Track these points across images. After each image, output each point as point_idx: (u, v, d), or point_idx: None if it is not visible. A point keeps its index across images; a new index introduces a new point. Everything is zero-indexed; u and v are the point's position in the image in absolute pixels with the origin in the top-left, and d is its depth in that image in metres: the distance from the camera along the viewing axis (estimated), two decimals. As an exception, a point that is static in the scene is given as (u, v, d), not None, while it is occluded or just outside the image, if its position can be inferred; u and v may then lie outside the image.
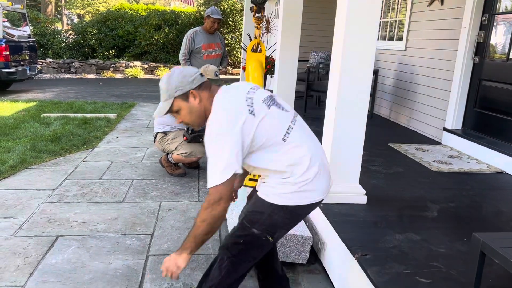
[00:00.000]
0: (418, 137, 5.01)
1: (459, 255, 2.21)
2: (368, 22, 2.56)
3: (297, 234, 2.60)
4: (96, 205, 3.50)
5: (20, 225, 3.09)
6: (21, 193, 3.69)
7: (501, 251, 1.46)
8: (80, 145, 5.17)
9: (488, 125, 4.25)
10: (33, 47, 10.24)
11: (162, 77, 1.82)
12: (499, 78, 4.12)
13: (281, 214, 1.77)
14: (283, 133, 1.75)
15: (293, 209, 1.78)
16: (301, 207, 1.79)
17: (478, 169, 3.78)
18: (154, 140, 4.30)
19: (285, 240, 2.59)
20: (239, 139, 1.65)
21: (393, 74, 6.04)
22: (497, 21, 4.21)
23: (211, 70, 4.24)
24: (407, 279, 1.97)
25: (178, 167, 4.29)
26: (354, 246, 2.25)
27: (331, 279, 2.52)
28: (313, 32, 8.08)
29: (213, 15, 4.98)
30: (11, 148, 4.82)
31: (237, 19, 15.66)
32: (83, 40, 15.12)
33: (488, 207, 2.95)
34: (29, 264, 2.60)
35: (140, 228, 3.12)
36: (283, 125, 1.77)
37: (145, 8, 17.33)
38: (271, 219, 1.78)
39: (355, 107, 2.67)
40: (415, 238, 2.38)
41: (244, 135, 1.66)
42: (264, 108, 1.74)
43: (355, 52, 2.59)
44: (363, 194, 2.82)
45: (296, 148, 1.76)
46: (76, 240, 2.90)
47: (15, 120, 6.29)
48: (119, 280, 2.47)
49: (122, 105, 8.09)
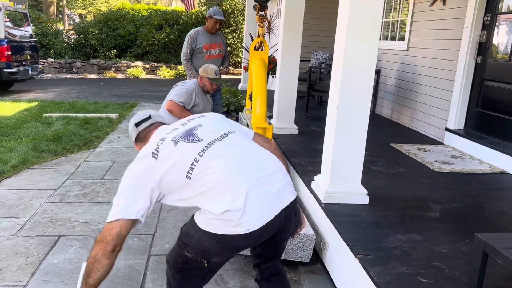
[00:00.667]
0: (420, 137, 5.00)
1: (462, 256, 2.20)
2: (370, 22, 2.55)
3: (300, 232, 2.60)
4: (98, 205, 3.50)
5: (22, 225, 3.09)
6: (23, 193, 3.69)
7: (504, 252, 1.46)
8: (81, 145, 5.18)
9: (491, 125, 4.24)
10: (35, 47, 10.26)
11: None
12: (501, 78, 4.11)
13: (211, 241, 1.59)
14: (185, 170, 1.61)
15: (224, 239, 1.58)
16: (235, 237, 1.56)
17: (480, 170, 3.77)
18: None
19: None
20: (141, 188, 1.62)
21: (395, 74, 6.03)
22: (500, 21, 4.20)
23: (211, 69, 4.24)
24: (409, 279, 1.97)
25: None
26: (356, 246, 2.25)
27: (333, 279, 2.52)
28: (315, 32, 8.07)
29: (215, 15, 4.98)
30: (13, 148, 4.83)
31: (238, 19, 15.66)
32: (85, 40, 15.15)
33: (491, 207, 2.95)
34: (31, 264, 2.60)
35: (141, 228, 3.12)
36: (186, 161, 1.62)
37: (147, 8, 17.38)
38: (201, 245, 1.62)
39: (357, 107, 2.66)
40: (417, 239, 2.37)
41: (148, 180, 1.62)
42: (170, 148, 1.66)
43: (357, 52, 2.58)
44: (365, 195, 2.82)
45: (207, 186, 1.59)
46: (78, 240, 2.91)
47: (17, 120, 6.30)
48: (120, 280, 2.47)
49: (123, 105, 8.10)
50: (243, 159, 1.67)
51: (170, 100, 4.11)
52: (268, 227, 1.60)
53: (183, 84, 4.27)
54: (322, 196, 2.78)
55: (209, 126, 1.78)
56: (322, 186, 2.84)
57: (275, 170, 1.71)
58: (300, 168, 3.51)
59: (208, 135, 1.72)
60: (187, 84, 4.26)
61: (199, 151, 1.64)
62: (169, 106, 4.10)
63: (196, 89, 4.21)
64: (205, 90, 4.28)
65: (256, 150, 1.77)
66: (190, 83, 4.27)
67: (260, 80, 3.53)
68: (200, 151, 1.65)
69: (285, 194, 1.68)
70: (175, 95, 4.14)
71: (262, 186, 1.62)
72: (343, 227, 2.47)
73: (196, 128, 1.75)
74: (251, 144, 1.80)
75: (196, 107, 4.20)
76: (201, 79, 4.24)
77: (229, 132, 1.77)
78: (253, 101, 3.48)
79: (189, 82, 4.31)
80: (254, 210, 1.56)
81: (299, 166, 3.58)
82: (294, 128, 4.78)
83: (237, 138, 1.76)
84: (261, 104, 3.40)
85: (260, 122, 3.32)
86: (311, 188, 3.03)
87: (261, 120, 3.34)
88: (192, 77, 4.96)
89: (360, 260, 2.12)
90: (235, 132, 1.79)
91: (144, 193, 1.62)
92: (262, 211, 1.58)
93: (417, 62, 5.43)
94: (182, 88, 4.20)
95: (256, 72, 3.64)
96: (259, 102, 3.41)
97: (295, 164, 3.64)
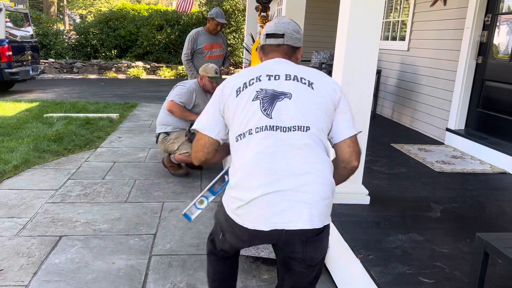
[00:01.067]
0: (421, 138, 5.00)
1: (463, 256, 2.21)
2: (371, 23, 2.55)
3: None
4: (99, 205, 3.50)
5: (23, 225, 3.10)
6: (24, 193, 3.70)
7: (505, 251, 1.46)
8: (82, 145, 5.19)
9: (491, 126, 4.24)
10: (36, 48, 10.27)
11: (289, 21, 1.73)
12: (502, 78, 4.11)
13: (223, 216, 1.63)
14: (239, 132, 1.57)
15: (228, 219, 1.59)
16: (235, 223, 1.56)
17: (481, 170, 3.77)
18: (156, 141, 4.30)
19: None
20: (217, 110, 1.66)
21: (396, 74, 6.04)
22: (500, 21, 4.20)
23: (211, 68, 4.24)
24: (410, 279, 1.97)
25: (180, 167, 4.29)
26: (357, 246, 2.25)
27: (334, 279, 2.52)
28: (315, 32, 8.08)
29: (217, 18, 4.97)
30: (14, 148, 4.84)
31: (239, 19, 15.67)
32: (85, 40, 15.16)
33: (492, 207, 2.95)
34: (33, 263, 2.60)
35: (143, 228, 3.12)
36: (247, 123, 1.56)
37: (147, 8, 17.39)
38: (218, 217, 1.72)
39: (358, 107, 2.66)
40: (418, 239, 2.38)
41: (220, 104, 1.65)
42: (248, 98, 1.58)
43: (358, 53, 2.58)
44: (366, 195, 2.82)
45: (238, 161, 1.57)
46: (79, 240, 2.91)
47: (18, 120, 6.31)
48: (122, 280, 2.48)
49: (124, 105, 8.11)
50: (281, 168, 1.52)
51: (171, 100, 4.12)
52: (260, 234, 1.53)
53: (183, 84, 4.28)
54: (323, 196, 2.78)
55: (294, 106, 1.57)
56: (323, 186, 2.84)
57: (309, 196, 1.52)
58: (301, 168, 3.51)
59: (281, 116, 1.55)
60: (188, 84, 4.27)
61: (257, 127, 1.55)
62: (169, 107, 4.11)
63: (196, 89, 4.22)
64: (206, 89, 4.28)
65: (307, 165, 1.54)
66: (190, 83, 4.28)
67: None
68: (258, 128, 1.55)
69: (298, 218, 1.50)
70: (175, 95, 4.15)
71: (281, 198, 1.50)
72: (344, 227, 2.48)
73: (282, 99, 1.57)
74: (309, 154, 1.55)
75: (196, 107, 4.21)
76: (201, 79, 4.25)
77: (304, 127, 1.55)
78: None
79: (189, 82, 4.32)
80: (256, 211, 1.51)
81: (300, 166, 3.58)
82: (295, 128, 4.77)
83: (303, 139, 1.54)
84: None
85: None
86: (312, 188, 3.03)
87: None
88: (193, 78, 4.96)
89: (361, 260, 2.13)
90: (310, 129, 1.55)
91: (220, 118, 1.66)
92: (261, 217, 1.51)
93: (418, 62, 5.43)
94: (182, 88, 4.21)
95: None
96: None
97: (296, 164, 3.64)
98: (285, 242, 1.56)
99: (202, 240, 2.96)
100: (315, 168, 1.54)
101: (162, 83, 12.42)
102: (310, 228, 1.51)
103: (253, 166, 1.53)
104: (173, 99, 4.11)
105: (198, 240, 2.96)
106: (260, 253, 2.61)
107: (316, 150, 1.56)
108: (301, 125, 1.55)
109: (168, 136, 4.16)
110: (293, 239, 1.54)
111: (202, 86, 4.27)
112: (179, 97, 4.11)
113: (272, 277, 2.55)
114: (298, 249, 1.57)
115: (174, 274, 2.55)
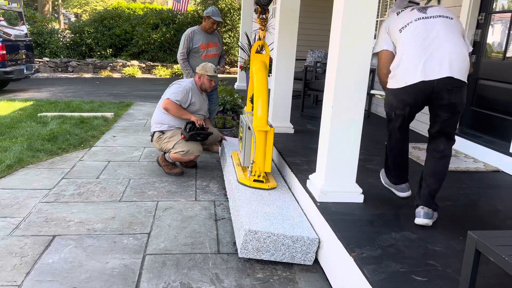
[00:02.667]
0: (415, 136, 5.01)
1: (455, 254, 2.22)
2: (364, 21, 2.56)
3: (303, 235, 2.61)
4: (93, 204, 3.49)
5: (16, 225, 3.08)
6: (17, 192, 3.68)
7: (496, 249, 1.47)
8: (77, 145, 5.17)
9: (485, 124, 4.26)
10: (30, 46, 10.21)
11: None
12: (495, 77, 4.13)
13: (389, 95, 2.60)
14: (402, 25, 2.50)
15: (392, 92, 2.55)
16: (398, 90, 2.49)
17: (474, 168, 3.79)
18: (151, 140, 4.30)
19: (291, 242, 2.60)
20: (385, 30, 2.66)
21: (390, 73, 6.04)
22: (494, 20, 4.22)
23: (210, 67, 4.24)
24: (404, 277, 1.98)
25: (175, 166, 4.29)
26: (351, 244, 2.26)
27: (328, 277, 2.53)
28: (310, 31, 8.08)
29: (213, 16, 4.96)
30: (8, 148, 4.81)
31: (234, 18, 15.65)
32: (80, 39, 15.11)
33: (485, 205, 2.96)
34: (26, 263, 2.59)
35: (137, 228, 3.12)
36: (408, 18, 2.48)
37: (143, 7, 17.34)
38: (387, 100, 2.63)
39: (352, 106, 2.67)
40: (412, 237, 2.39)
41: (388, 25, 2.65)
42: (413, 15, 2.52)
43: (351, 51, 2.59)
44: (360, 193, 2.83)
45: (403, 45, 2.47)
46: (73, 240, 2.90)
47: (12, 120, 6.27)
48: (116, 279, 2.47)
49: (119, 104, 8.08)
50: (440, 40, 2.44)
51: (167, 98, 4.11)
52: (416, 87, 2.43)
53: (179, 83, 4.27)
54: (317, 194, 2.79)
55: (441, 29, 2.45)
56: (317, 185, 2.84)
57: (448, 57, 2.43)
58: (295, 167, 3.52)
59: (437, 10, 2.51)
60: (184, 82, 4.27)
61: (418, 17, 2.49)
62: (165, 105, 4.10)
63: (192, 88, 4.22)
64: (203, 88, 4.28)
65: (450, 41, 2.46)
66: (186, 82, 4.27)
67: (262, 83, 3.54)
68: (418, 18, 2.49)
69: (437, 71, 2.39)
70: (171, 93, 4.14)
71: (431, 56, 2.41)
72: (338, 225, 2.48)
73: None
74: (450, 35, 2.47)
75: (192, 106, 4.21)
76: (200, 77, 4.25)
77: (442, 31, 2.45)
78: (254, 103, 3.50)
79: (185, 81, 4.32)
80: (412, 70, 2.42)
81: (294, 165, 3.59)
82: (290, 127, 4.79)
83: (442, 29, 2.45)
84: (262, 106, 3.41)
85: (262, 125, 3.35)
86: (306, 187, 3.04)
87: (263, 123, 3.36)
88: (189, 77, 4.95)
89: (355, 258, 2.13)
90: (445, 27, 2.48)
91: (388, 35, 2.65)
92: (420, 72, 2.40)
93: (412, 61, 5.43)
94: (178, 86, 4.20)
95: (257, 74, 3.65)
96: (260, 104, 3.42)
97: (291, 163, 3.65)
98: (435, 91, 2.48)
99: (196, 239, 2.95)
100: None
101: (157, 82, 12.39)
102: (446, 75, 2.45)
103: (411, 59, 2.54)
104: (169, 97, 4.10)
105: (192, 239, 2.96)
106: (261, 256, 2.62)
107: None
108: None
109: (163, 134, 4.15)
110: (442, 88, 2.47)
111: (199, 84, 4.27)
112: (175, 95, 4.10)
113: (266, 276, 2.55)
114: (446, 97, 2.52)
115: (168, 273, 2.55)
